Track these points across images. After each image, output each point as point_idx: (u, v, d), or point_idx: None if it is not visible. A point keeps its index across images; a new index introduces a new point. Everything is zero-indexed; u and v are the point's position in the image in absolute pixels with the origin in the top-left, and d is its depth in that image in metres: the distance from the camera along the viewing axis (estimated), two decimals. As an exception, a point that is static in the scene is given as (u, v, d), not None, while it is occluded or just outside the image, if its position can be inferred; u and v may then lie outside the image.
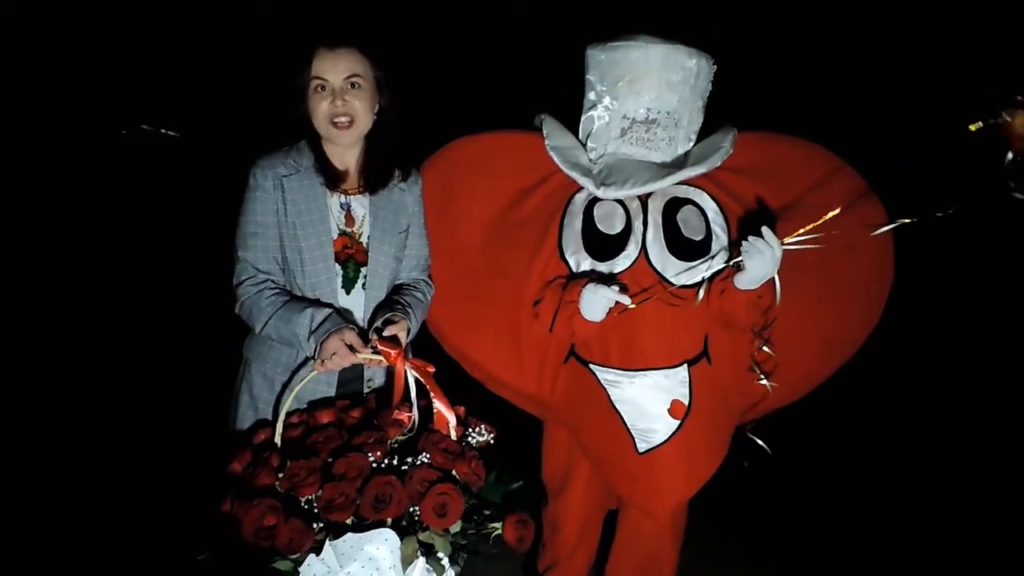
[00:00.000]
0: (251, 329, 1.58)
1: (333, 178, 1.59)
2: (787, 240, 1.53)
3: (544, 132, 1.84)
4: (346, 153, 1.62)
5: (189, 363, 3.22)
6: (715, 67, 1.77)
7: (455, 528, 1.21)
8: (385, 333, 1.48)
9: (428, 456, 1.25)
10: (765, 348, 1.71)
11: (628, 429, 1.68)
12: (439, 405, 1.33)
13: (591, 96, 1.79)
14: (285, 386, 1.57)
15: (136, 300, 4.27)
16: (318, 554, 1.15)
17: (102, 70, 5.16)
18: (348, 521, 1.17)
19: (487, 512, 1.27)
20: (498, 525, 1.25)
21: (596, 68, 1.76)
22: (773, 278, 1.57)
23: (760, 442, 1.74)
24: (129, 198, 5.11)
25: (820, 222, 1.50)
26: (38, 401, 3.21)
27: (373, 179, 1.63)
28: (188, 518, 1.29)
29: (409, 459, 1.25)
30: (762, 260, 1.52)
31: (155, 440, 2.83)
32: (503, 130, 1.90)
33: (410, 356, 1.65)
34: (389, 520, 1.17)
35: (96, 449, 2.85)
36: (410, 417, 1.34)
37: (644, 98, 1.72)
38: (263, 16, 4.78)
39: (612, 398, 1.70)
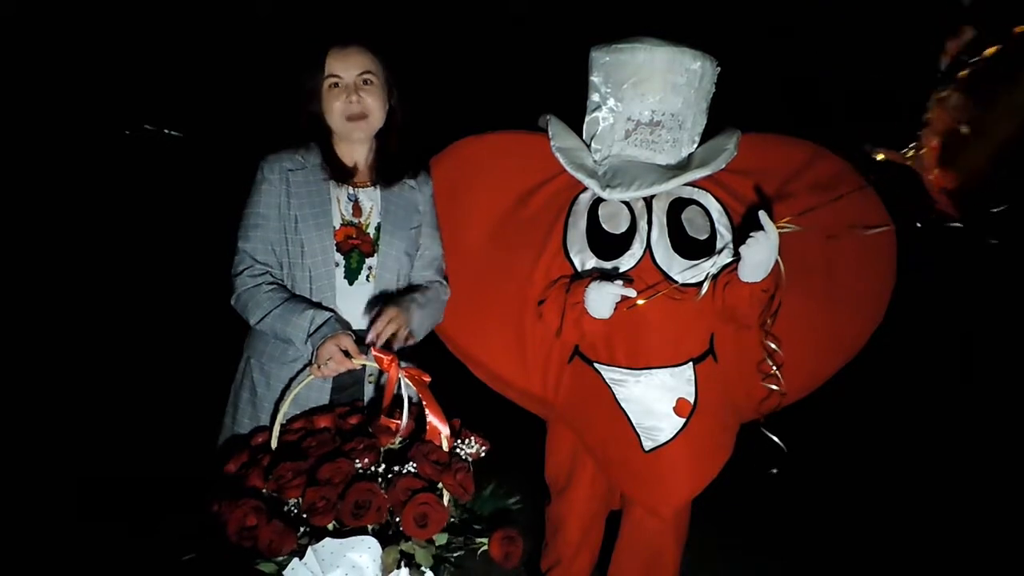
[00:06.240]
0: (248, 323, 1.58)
1: (341, 172, 1.60)
2: (781, 223, 1.52)
3: (549, 133, 1.83)
4: (356, 150, 1.64)
5: (190, 359, 3.23)
6: (719, 69, 1.75)
7: (441, 540, 1.20)
8: (374, 326, 1.48)
9: (416, 465, 1.23)
10: (770, 343, 1.68)
11: (634, 428, 1.68)
12: (431, 415, 1.31)
13: (595, 98, 1.77)
14: (283, 383, 1.57)
15: (139, 298, 4.33)
16: (302, 558, 1.15)
17: (105, 70, 5.22)
18: (330, 526, 1.17)
19: (476, 527, 1.25)
20: (485, 540, 1.23)
21: (600, 70, 1.74)
22: (776, 266, 1.55)
23: (775, 439, 1.71)
24: (132, 197, 5.19)
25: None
26: (40, 397, 3.24)
27: (383, 173, 1.64)
28: (184, 517, 1.30)
29: (396, 467, 1.24)
30: (757, 244, 1.51)
31: (156, 438, 2.86)
32: (508, 130, 1.90)
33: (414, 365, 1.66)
34: (370, 527, 1.16)
35: (97, 447, 2.89)
36: (398, 425, 1.32)
37: (649, 100, 1.70)
38: (266, 17, 4.82)
39: (618, 397, 1.70)
